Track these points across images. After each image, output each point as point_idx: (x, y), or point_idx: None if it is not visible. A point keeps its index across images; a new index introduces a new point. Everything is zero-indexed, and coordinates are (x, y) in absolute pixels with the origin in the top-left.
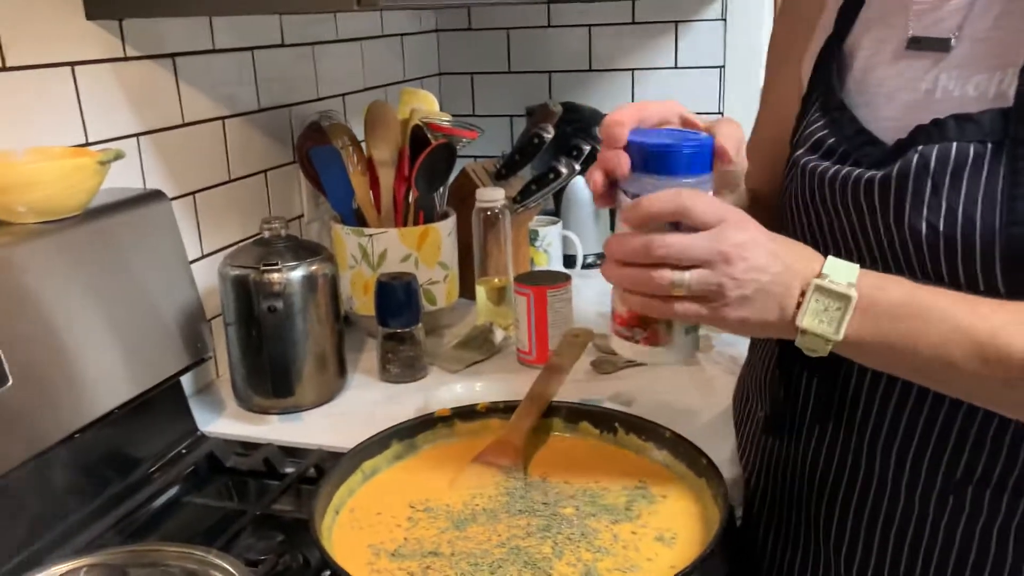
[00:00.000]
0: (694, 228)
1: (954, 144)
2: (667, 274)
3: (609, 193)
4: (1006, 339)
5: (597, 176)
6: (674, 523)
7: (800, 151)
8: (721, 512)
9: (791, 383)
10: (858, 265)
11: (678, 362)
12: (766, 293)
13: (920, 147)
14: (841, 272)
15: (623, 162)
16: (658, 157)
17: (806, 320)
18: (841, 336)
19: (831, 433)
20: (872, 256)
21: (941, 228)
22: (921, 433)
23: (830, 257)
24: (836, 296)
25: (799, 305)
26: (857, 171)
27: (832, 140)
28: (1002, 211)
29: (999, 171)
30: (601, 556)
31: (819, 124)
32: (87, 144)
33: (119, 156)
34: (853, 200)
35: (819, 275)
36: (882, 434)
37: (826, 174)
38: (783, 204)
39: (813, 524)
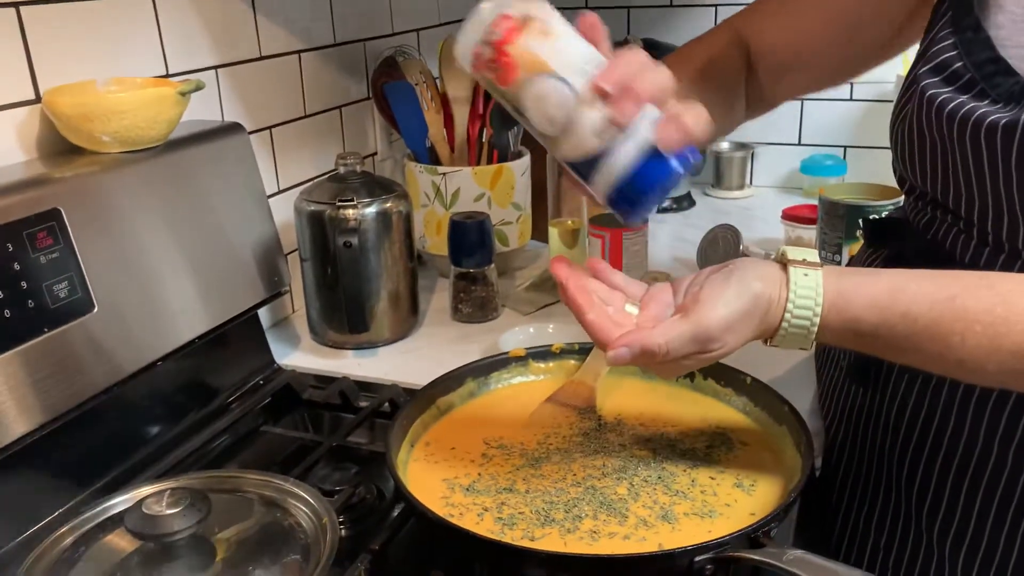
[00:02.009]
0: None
1: None
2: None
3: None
4: (978, 373)
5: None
6: (753, 470)
7: (923, 69)
8: (803, 461)
9: None
10: (816, 321)
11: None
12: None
13: None
14: (795, 340)
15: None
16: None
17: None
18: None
19: (920, 382)
20: (985, 201)
21: None
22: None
23: (783, 326)
24: (802, 331)
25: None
26: (983, 110)
27: (959, 64)
28: None
29: None
30: (678, 500)
31: (948, 43)
32: (167, 76)
33: (199, 87)
34: (973, 141)
35: (779, 324)
36: (976, 388)
37: (945, 107)
38: (895, 122)
39: (895, 476)
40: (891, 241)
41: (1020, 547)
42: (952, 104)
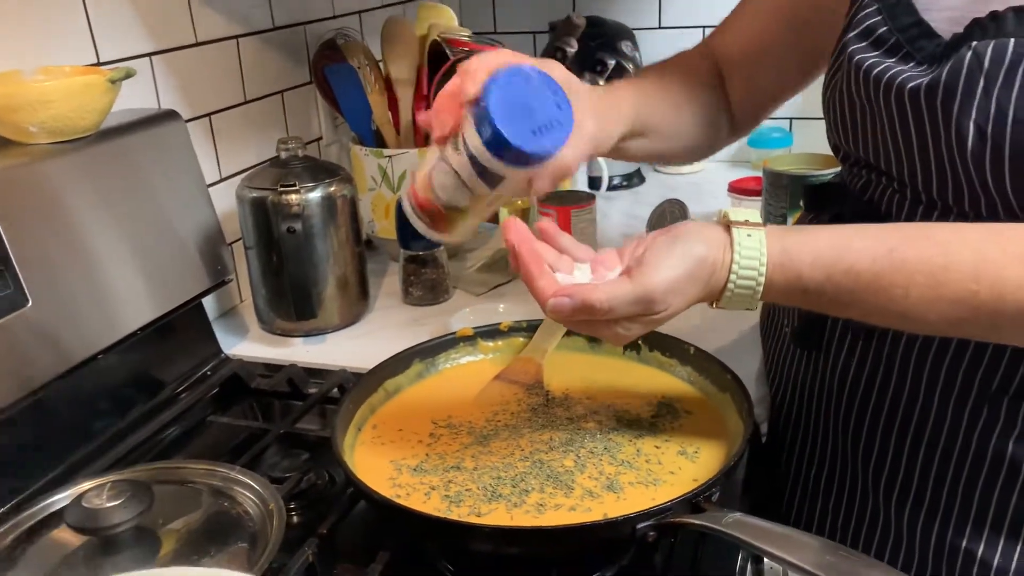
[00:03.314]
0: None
1: (1011, 40)
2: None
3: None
4: (920, 322)
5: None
6: (697, 438)
7: (850, 35)
8: (745, 427)
9: None
10: (761, 279)
11: (453, 243)
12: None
13: (974, 43)
14: (741, 300)
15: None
16: (498, 143)
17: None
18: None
19: (863, 344)
20: (911, 160)
21: (989, 131)
22: (958, 342)
23: (729, 287)
24: (748, 292)
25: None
26: (905, 74)
27: (884, 29)
28: None
29: None
30: (624, 469)
31: (872, 9)
32: (99, 64)
33: (130, 74)
34: (898, 105)
35: (724, 286)
36: (917, 343)
37: (872, 71)
38: (826, 89)
39: (841, 438)
40: (830, 205)
41: (962, 498)
42: (878, 68)
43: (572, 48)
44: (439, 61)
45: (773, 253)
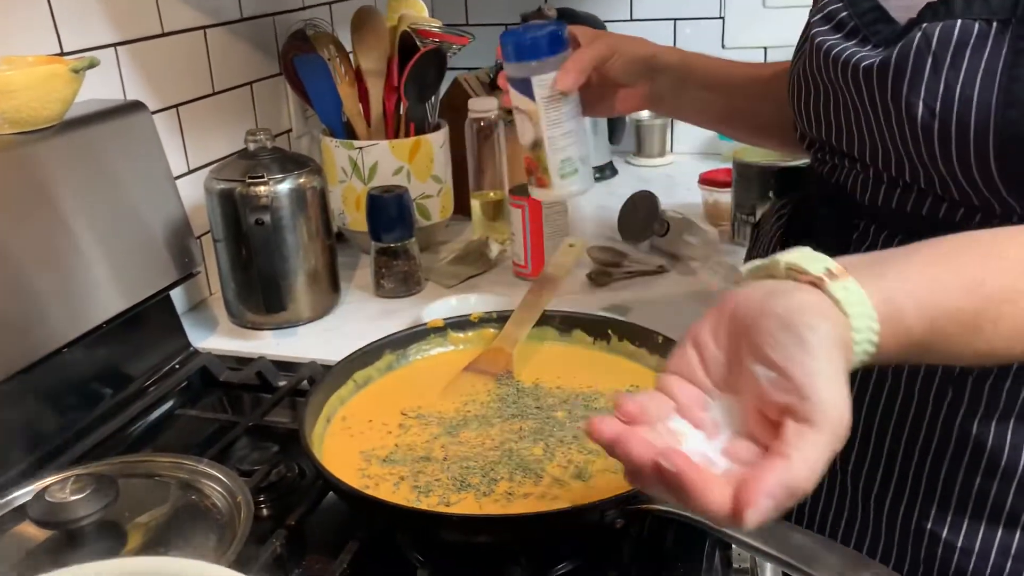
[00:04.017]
0: None
1: (958, 21)
2: None
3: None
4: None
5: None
6: None
7: (814, 19)
8: None
9: None
10: (875, 341)
11: (568, 198)
12: None
13: (924, 24)
14: (857, 361)
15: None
16: (515, 46)
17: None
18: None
19: None
20: (873, 140)
21: (937, 110)
22: None
23: (852, 324)
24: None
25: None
26: (861, 54)
27: (844, 14)
28: (999, 93)
29: (1001, 52)
30: (593, 457)
31: None
32: (62, 54)
33: (93, 64)
34: (854, 83)
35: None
36: None
37: (831, 52)
38: (792, 72)
39: None
40: (798, 189)
41: (928, 479)
42: (837, 49)
43: None
44: (410, 52)
45: (879, 304)
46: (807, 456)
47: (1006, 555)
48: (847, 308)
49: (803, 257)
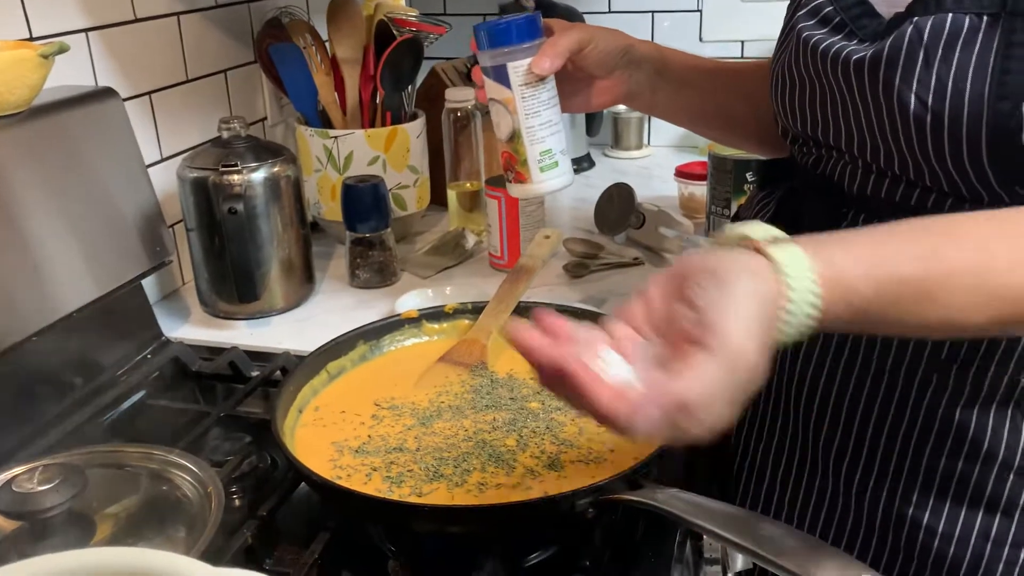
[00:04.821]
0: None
1: (949, 15)
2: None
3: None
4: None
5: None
6: None
7: (799, 13)
8: None
9: None
10: (819, 304)
11: (548, 193)
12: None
13: (916, 18)
14: (797, 329)
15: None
16: (489, 33)
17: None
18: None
19: None
20: (861, 133)
21: (930, 103)
22: None
23: (787, 283)
24: (807, 319)
25: None
26: (850, 48)
27: (830, 8)
28: (991, 86)
29: (992, 45)
30: (565, 448)
31: None
32: (31, 39)
33: (63, 49)
34: (844, 77)
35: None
36: None
37: (819, 46)
38: (775, 66)
39: (792, 411)
40: (783, 180)
41: (910, 466)
42: (824, 43)
43: None
44: (386, 41)
45: (820, 267)
46: (700, 377)
47: (986, 540)
48: (786, 269)
49: (751, 226)
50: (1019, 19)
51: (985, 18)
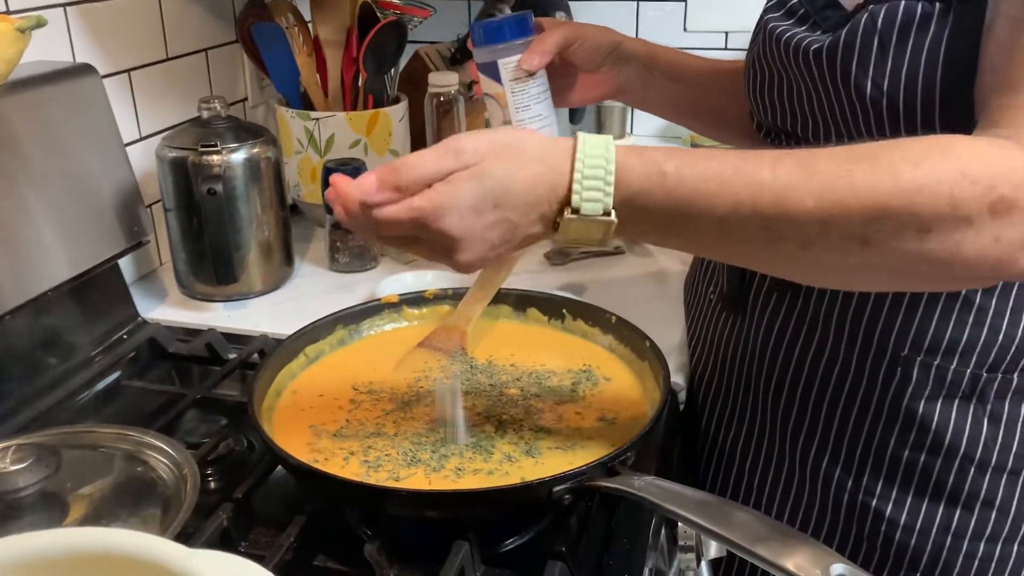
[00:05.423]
0: None
1: (902, 3)
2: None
3: None
4: (792, 203)
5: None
6: (616, 404)
7: (769, 5)
8: (662, 394)
9: None
10: (613, 160)
11: None
12: (503, 241)
13: (871, 7)
14: (593, 193)
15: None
16: (483, 31)
17: (563, 240)
18: (606, 245)
19: (786, 306)
20: (825, 121)
21: (885, 87)
22: (874, 303)
23: (577, 168)
24: (593, 224)
25: (556, 225)
26: (811, 37)
27: (795, 1)
28: (944, 71)
29: (944, 31)
30: (543, 435)
31: None
32: (8, 12)
33: (40, 23)
34: (805, 66)
35: (569, 205)
36: (837, 305)
37: (783, 37)
38: (747, 60)
39: (761, 400)
40: None
41: (875, 456)
42: (788, 34)
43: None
44: (369, 23)
45: (625, 150)
46: (442, 187)
47: (946, 532)
48: (581, 141)
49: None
50: (969, 6)
51: (938, 5)
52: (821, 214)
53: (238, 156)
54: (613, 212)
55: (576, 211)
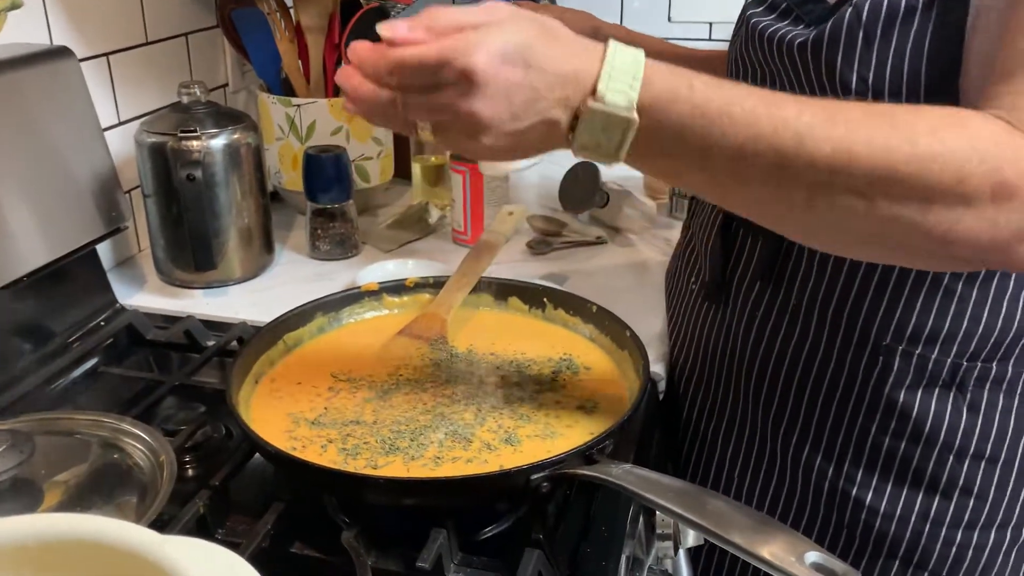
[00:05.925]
0: None
1: None
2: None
3: None
4: (810, 144)
5: None
6: (596, 393)
7: (750, 1)
8: (641, 383)
9: (733, 248)
10: (642, 62)
11: (515, 171)
12: (524, 110)
13: (855, 1)
14: (620, 84)
15: None
16: None
17: (581, 142)
18: (621, 158)
19: (769, 295)
20: None
21: (870, 81)
22: (857, 292)
23: (608, 60)
24: (614, 120)
25: (573, 127)
26: (794, 31)
27: None
28: (928, 65)
29: (928, 25)
30: (523, 423)
31: None
32: None
33: (16, 5)
34: (789, 60)
35: (594, 93)
36: (820, 294)
37: (765, 32)
38: (729, 55)
39: (743, 390)
40: None
41: (855, 445)
42: (771, 29)
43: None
44: (352, 9)
45: (648, 83)
46: (465, 36)
47: (925, 520)
48: (613, 41)
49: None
50: (953, 0)
51: (921, 1)
52: (833, 162)
53: (218, 142)
54: (635, 112)
55: (601, 100)
